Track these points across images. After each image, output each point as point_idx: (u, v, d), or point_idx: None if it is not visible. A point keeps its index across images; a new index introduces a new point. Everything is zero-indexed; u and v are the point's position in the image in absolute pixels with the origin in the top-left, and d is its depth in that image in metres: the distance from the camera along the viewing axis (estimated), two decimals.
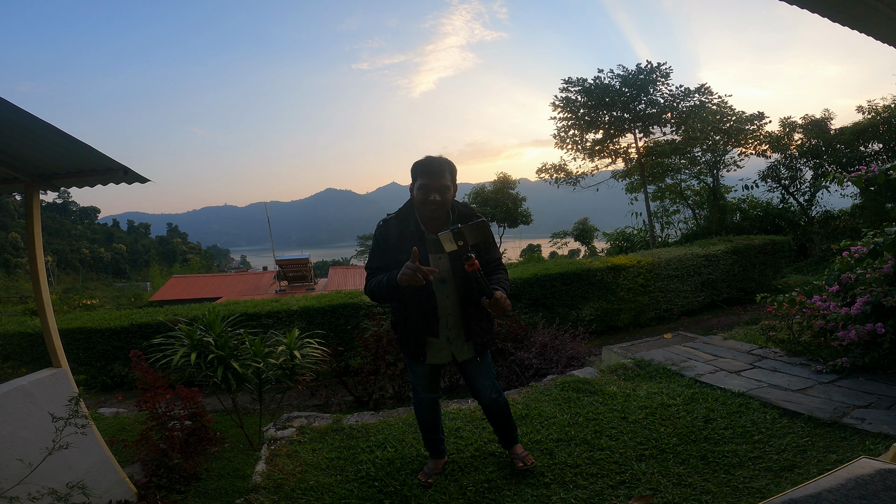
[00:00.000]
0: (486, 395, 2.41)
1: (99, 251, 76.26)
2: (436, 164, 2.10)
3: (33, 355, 6.94)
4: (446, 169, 2.11)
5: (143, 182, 2.70)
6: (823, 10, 1.47)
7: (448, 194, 2.11)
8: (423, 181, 2.09)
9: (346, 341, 6.84)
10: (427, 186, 2.08)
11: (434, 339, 2.26)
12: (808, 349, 3.92)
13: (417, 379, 2.45)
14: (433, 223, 2.17)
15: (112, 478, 2.90)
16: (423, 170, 2.10)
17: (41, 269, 2.80)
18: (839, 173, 4.87)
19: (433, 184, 2.07)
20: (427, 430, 2.56)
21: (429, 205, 2.08)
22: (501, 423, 2.53)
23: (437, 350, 2.31)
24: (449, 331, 2.26)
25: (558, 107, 14.25)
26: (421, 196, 2.10)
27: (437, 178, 2.08)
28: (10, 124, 2.16)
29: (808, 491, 1.00)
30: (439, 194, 2.08)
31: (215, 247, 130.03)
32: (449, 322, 2.25)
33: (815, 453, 2.47)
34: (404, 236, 2.17)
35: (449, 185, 2.11)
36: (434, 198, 2.07)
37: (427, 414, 2.51)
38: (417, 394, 2.48)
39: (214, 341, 3.96)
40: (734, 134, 13.61)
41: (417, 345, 2.28)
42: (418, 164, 2.13)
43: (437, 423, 2.56)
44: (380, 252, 2.24)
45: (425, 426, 2.55)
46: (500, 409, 2.49)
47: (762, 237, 10.61)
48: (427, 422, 2.53)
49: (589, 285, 8.35)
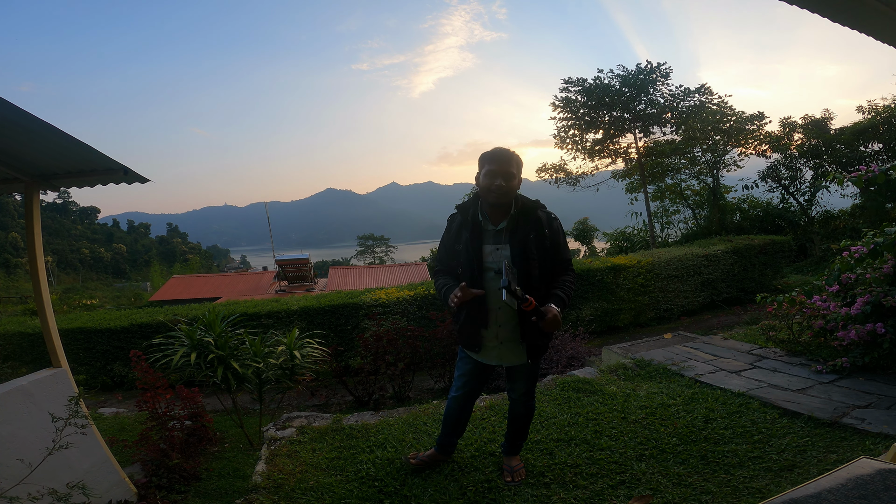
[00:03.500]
0: (521, 398, 2.42)
1: (99, 251, 76.28)
2: (503, 152, 2.15)
3: (33, 355, 6.94)
4: (513, 158, 2.16)
5: (143, 182, 2.69)
6: (823, 10, 1.47)
7: (513, 182, 2.14)
8: (490, 167, 2.14)
9: (346, 341, 6.85)
10: (494, 172, 2.12)
11: (484, 330, 2.24)
12: (808, 349, 3.92)
13: (463, 375, 2.44)
14: (496, 212, 2.20)
15: (112, 478, 2.90)
16: (491, 157, 2.16)
17: (41, 269, 2.80)
18: (839, 173, 4.87)
19: (500, 169, 2.12)
20: (449, 427, 2.54)
21: (494, 190, 2.12)
22: (519, 429, 2.52)
23: (488, 348, 2.28)
24: (499, 327, 2.22)
25: (558, 107, 14.25)
26: (487, 181, 2.14)
27: (503, 165, 2.12)
28: (11, 124, 2.16)
29: (808, 491, 1.00)
30: (504, 180, 2.11)
31: (215, 247, 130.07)
32: (499, 318, 2.21)
33: (815, 453, 2.47)
34: (463, 226, 2.24)
35: (514, 174, 2.14)
36: (499, 183, 2.11)
37: (457, 413, 2.50)
38: (456, 390, 2.47)
39: (214, 341, 3.96)
40: (734, 134, 13.60)
41: (473, 335, 2.26)
42: (486, 153, 2.19)
43: (461, 425, 2.56)
44: (441, 248, 2.36)
45: (449, 423, 2.54)
46: (527, 415, 2.48)
47: (762, 237, 10.62)
48: (452, 419, 2.52)
49: (589, 285, 8.35)
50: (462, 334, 2.34)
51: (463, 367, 2.43)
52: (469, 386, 2.43)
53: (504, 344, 2.25)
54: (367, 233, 55.57)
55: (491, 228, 2.22)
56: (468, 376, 2.42)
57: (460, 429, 2.58)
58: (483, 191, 2.18)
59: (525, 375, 2.37)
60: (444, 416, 2.56)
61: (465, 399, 2.47)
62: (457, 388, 2.46)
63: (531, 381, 2.41)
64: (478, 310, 2.21)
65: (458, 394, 2.46)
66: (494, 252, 2.18)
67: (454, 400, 2.48)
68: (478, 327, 2.24)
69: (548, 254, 2.18)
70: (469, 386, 2.43)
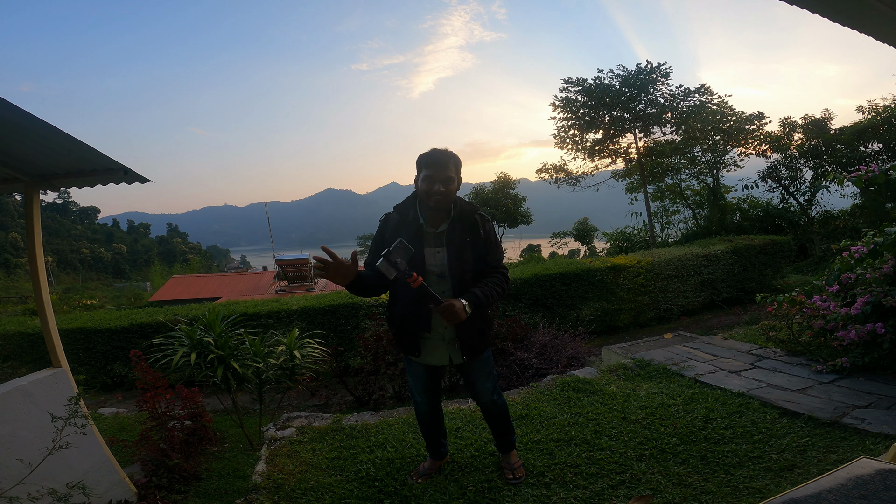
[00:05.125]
0: (485, 396, 2.39)
1: (99, 251, 76.26)
2: (441, 155, 2.11)
3: (33, 355, 6.93)
4: (451, 161, 2.11)
5: (143, 182, 2.69)
6: (823, 10, 1.47)
7: (452, 186, 2.10)
8: (428, 172, 2.10)
9: (346, 341, 6.84)
10: (431, 177, 2.08)
11: (427, 334, 2.20)
12: (808, 349, 3.92)
13: (414, 381, 2.41)
14: (436, 215, 2.17)
15: (112, 478, 2.89)
16: (428, 161, 2.11)
17: (41, 269, 2.80)
18: (839, 173, 4.87)
19: (437, 175, 2.08)
20: (427, 433, 2.54)
21: (433, 195, 2.08)
22: (499, 425, 2.50)
23: (433, 349, 2.25)
24: (444, 329, 2.20)
25: (558, 107, 14.24)
26: (425, 186, 2.10)
27: (441, 170, 2.09)
28: (11, 124, 2.16)
29: (808, 491, 1.00)
30: (443, 185, 2.08)
31: (215, 247, 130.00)
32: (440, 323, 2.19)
33: (815, 453, 2.47)
34: (401, 227, 2.17)
35: (453, 177, 2.11)
36: (438, 188, 2.07)
37: (427, 418, 2.48)
38: (418, 395, 2.43)
39: (214, 341, 3.96)
40: (734, 134, 13.59)
41: (411, 340, 2.23)
42: (423, 156, 2.14)
43: (437, 427, 2.53)
44: (374, 246, 2.22)
45: (425, 429, 2.54)
46: (499, 411, 2.46)
47: (762, 237, 10.60)
48: (427, 425, 2.51)
49: (589, 285, 8.35)
50: (399, 337, 2.30)
51: (414, 374, 2.39)
52: (428, 390, 2.41)
53: (450, 343, 2.23)
54: (367, 233, 55.57)
55: (431, 231, 2.19)
56: (421, 380, 2.38)
57: (440, 429, 2.56)
58: (422, 195, 2.13)
59: (478, 374, 2.35)
60: (419, 424, 2.54)
61: (430, 403, 2.43)
62: (416, 392, 2.43)
63: (488, 375, 2.37)
64: (417, 314, 2.16)
65: (420, 399, 2.43)
66: (435, 255, 2.16)
67: (419, 405, 2.45)
68: (417, 331, 2.19)
69: (481, 256, 2.18)
70: (428, 390, 2.41)
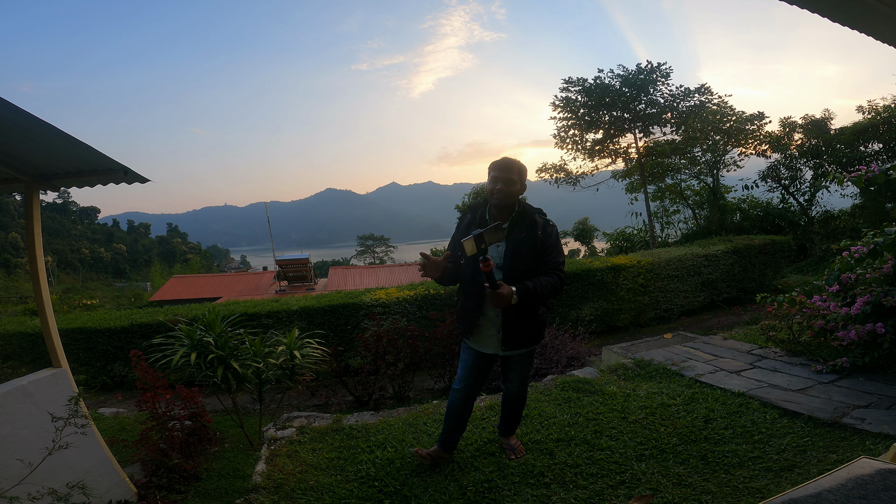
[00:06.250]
0: (513, 387, 2.62)
1: (99, 251, 76.25)
2: (507, 161, 2.40)
3: (33, 355, 6.93)
4: (515, 166, 2.38)
5: (143, 182, 2.70)
6: (823, 10, 1.47)
7: (513, 187, 2.36)
8: (494, 174, 2.38)
9: (346, 341, 6.84)
10: (496, 178, 2.37)
11: (481, 316, 2.42)
12: (808, 349, 3.92)
13: (462, 367, 2.58)
14: (501, 212, 2.42)
15: (112, 478, 2.89)
16: (496, 165, 2.41)
17: (41, 269, 2.80)
18: (839, 173, 4.87)
19: (501, 176, 2.36)
20: (451, 422, 2.62)
21: (495, 193, 2.36)
22: (512, 414, 2.74)
23: (485, 336, 2.45)
24: (496, 317, 2.40)
25: (558, 107, 14.24)
26: (490, 186, 2.39)
27: (505, 172, 2.36)
28: (11, 124, 2.16)
29: (808, 491, 1.00)
30: (504, 185, 2.35)
31: (215, 247, 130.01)
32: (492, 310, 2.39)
33: (815, 453, 2.47)
34: (471, 224, 2.46)
35: (515, 180, 2.36)
36: (500, 187, 2.34)
37: (457, 405, 2.60)
38: (458, 381, 2.58)
39: (214, 341, 3.95)
40: (734, 134, 13.58)
41: (468, 321, 2.45)
42: (494, 162, 2.44)
43: (461, 420, 2.64)
44: (451, 243, 2.56)
45: (451, 418, 2.62)
46: (519, 403, 2.69)
47: (762, 237, 10.60)
48: (454, 414, 2.61)
49: (589, 285, 8.35)
50: (459, 317, 2.55)
51: (464, 359, 2.57)
52: (471, 378, 2.55)
53: (500, 333, 2.42)
54: (367, 233, 55.62)
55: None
56: (470, 368, 2.55)
57: (462, 424, 2.66)
58: (488, 194, 2.43)
59: (515, 366, 2.56)
60: (446, 410, 2.66)
61: (467, 391, 2.57)
62: (459, 379, 2.59)
63: (524, 370, 2.59)
64: (474, 298, 2.41)
65: (460, 385, 2.58)
66: (496, 248, 2.38)
67: (457, 392, 2.59)
68: (473, 314, 2.43)
69: (537, 254, 2.36)
70: (471, 378, 2.55)
